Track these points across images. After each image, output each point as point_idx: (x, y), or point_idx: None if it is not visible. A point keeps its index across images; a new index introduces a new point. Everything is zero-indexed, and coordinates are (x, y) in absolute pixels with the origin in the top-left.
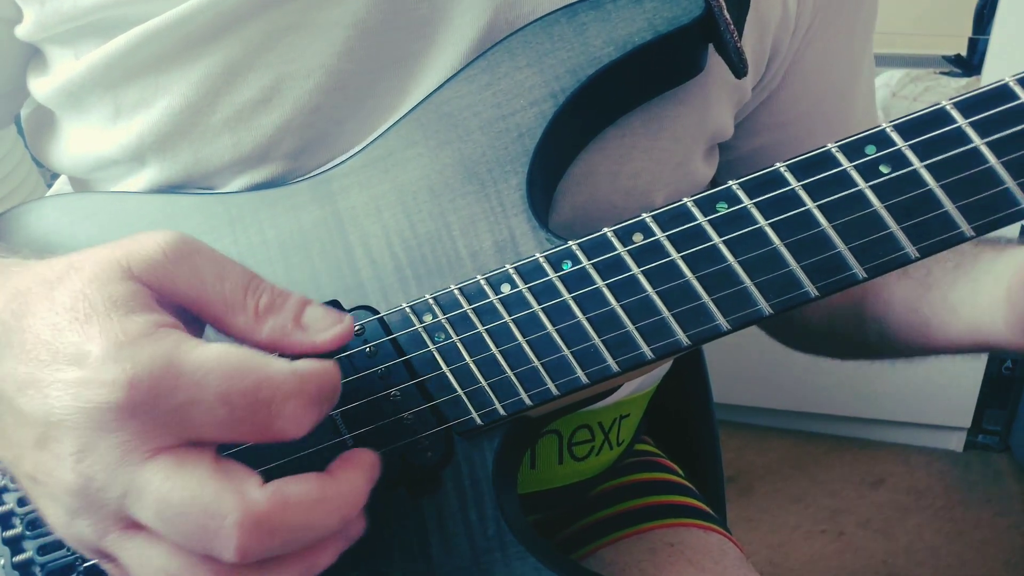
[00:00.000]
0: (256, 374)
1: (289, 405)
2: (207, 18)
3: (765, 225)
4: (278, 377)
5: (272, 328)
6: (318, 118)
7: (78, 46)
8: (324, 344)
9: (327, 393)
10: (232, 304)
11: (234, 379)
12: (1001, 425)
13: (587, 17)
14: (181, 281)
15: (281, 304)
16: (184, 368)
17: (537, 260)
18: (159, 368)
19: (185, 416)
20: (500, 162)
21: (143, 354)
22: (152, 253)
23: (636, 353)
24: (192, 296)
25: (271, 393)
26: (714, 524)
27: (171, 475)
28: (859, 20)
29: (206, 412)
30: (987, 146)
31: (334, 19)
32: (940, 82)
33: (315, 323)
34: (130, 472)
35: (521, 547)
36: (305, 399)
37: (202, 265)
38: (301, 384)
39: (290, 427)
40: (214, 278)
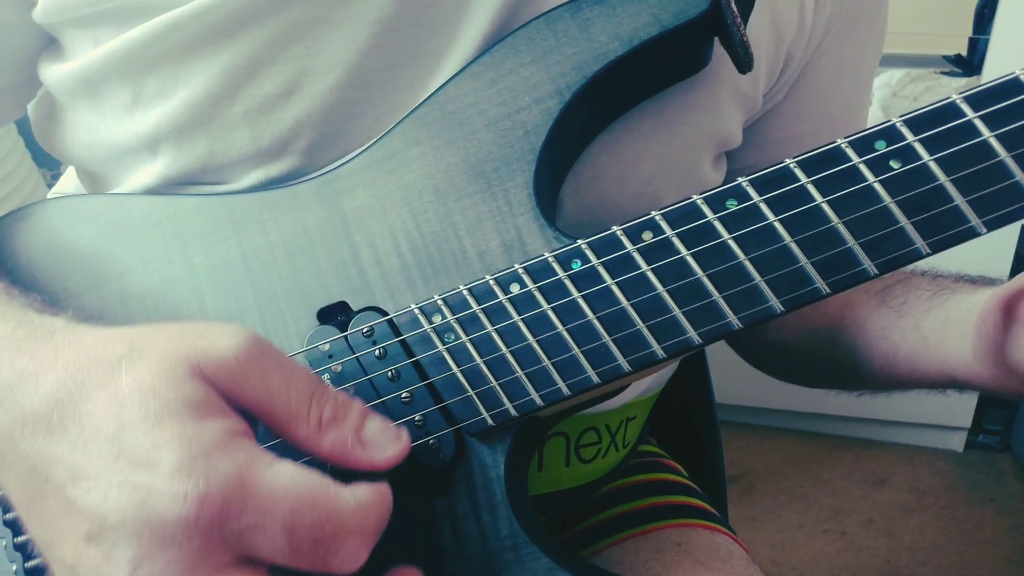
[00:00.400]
0: (324, 509)
1: (349, 543)
2: (231, 9)
3: (775, 221)
4: (344, 513)
5: (333, 442)
6: (337, 114)
7: (98, 32)
8: (383, 464)
9: (383, 525)
10: (297, 414)
11: (302, 511)
12: (1002, 425)
13: (592, 12)
14: (249, 388)
15: (343, 416)
16: (256, 491)
17: (546, 259)
18: (232, 487)
19: (248, 539)
20: (506, 160)
21: (218, 470)
22: (223, 355)
23: (647, 352)
24: (259, 402)
25: (334, 530)
26: (719, 524)
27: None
28: (869, 46)
29: (269, 539)
30: (997, 139)
31: (358, 14)
32: (940, 82)
33: (374, 438)
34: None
35: (535, 547)
36: (365, 537)
37: (270, 371)
38: (364, 520)
39: (346, 564)
40: (281, 386)
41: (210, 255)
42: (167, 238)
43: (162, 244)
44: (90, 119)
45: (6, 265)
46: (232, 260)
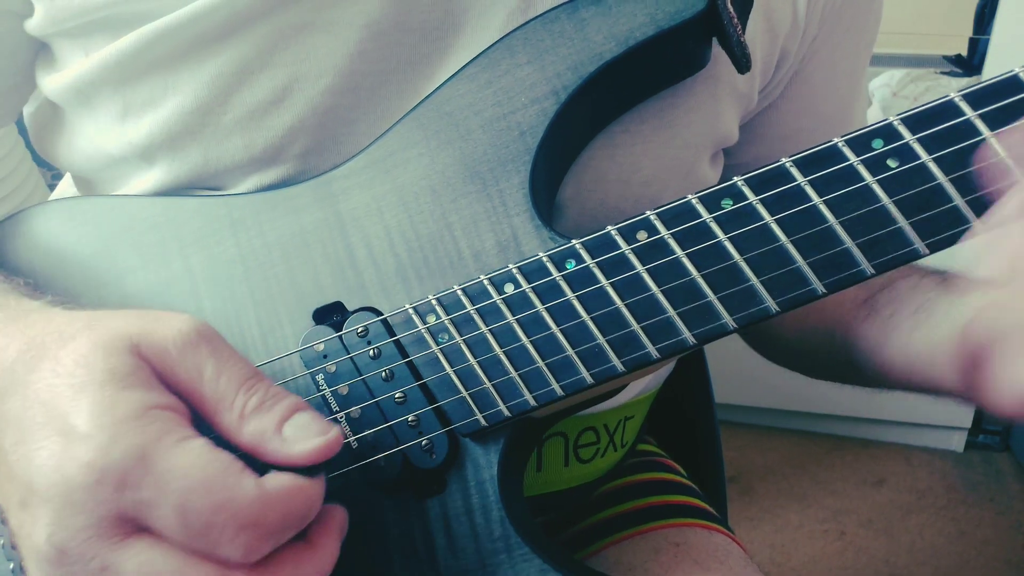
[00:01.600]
0: (219, 496)
1: (241, 536)
2: (219, 17)
3: (771, 221)
4: (240, 502)
5: (253, 431)
6: (330, 119)
7: (88, 43)
8: (299, 456)
9: (292, 521)
10: (222, 400)
11: (195, 495)
12: (1002, 425)
13: (588, 13)
14: (182, 371)
15: (270, 407)
16: (154, 467)
17: (540, 260)
18: (131, 458)
19: (143, 513)
20: (502, 161)
21: (122, 441)
22: (165, 335)
23: (641, 353)
24: (189, 388)
25: (226, 518)
26: (717, 524)
27: (148, 559)
28: (863, 41)
29: (161, 517)
30: (997, 139)
31: (347, 20)
32: (940, 82)
33: (296, 432)
34: (105, 551)
35: (527, 548)
36: (261, 532)
37: (207, 358)
38: (262, 512)
39: (236, 556)
40: (213, 372)
41: (208, 256)
42: (166, 240)
43: (161, 246)
44: (85, 129)
45: (5, 267)
46: (230, 261)
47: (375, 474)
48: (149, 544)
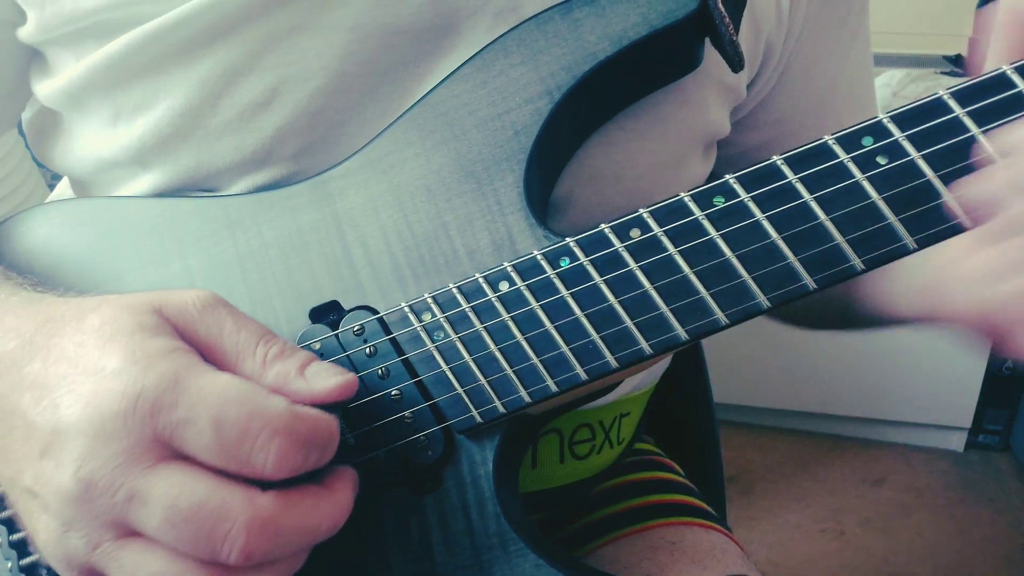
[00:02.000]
0: (252, 405)
1: (276, 442)
2: (207, 20)
3: (762, 218)
4: (272, 411)
5: (276, 373)
6: (320, 121)
7: (78, 48)
8: (322, 392)
9: (319, 439)
10: (243, 351)
11: (229, 405)
12: (1002, 425)
13: (581, 13)
14: (202, 327)
15: (289, 354)
16: (187, 387)
17: (535, 257)
18: (165, 383)
19: (179, 434)
20: (496, 160)
21: (154, 370)
22: (182, 300)
23: (634, 349)
24: (209, 342)
25: (261, 425)
26: (715, 523)
27: (177, 481)
28: (851, 11)
29: (197, 434)
30: (984, 135)
31: (335, 22)
32: (941, 82)
33: (317, 373)
34: (135, 477)
35: (522, 544)
36: (293, 439)
37: (225, 317)
38: (293, 422)
39: (270, 463)
40: (232, 328)
41: (206, 257)
42: (164, 240)
43: (159, 246)
44: (79, 133)
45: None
46: (228, 261)
47: (372, 470)
48: (179, 467)
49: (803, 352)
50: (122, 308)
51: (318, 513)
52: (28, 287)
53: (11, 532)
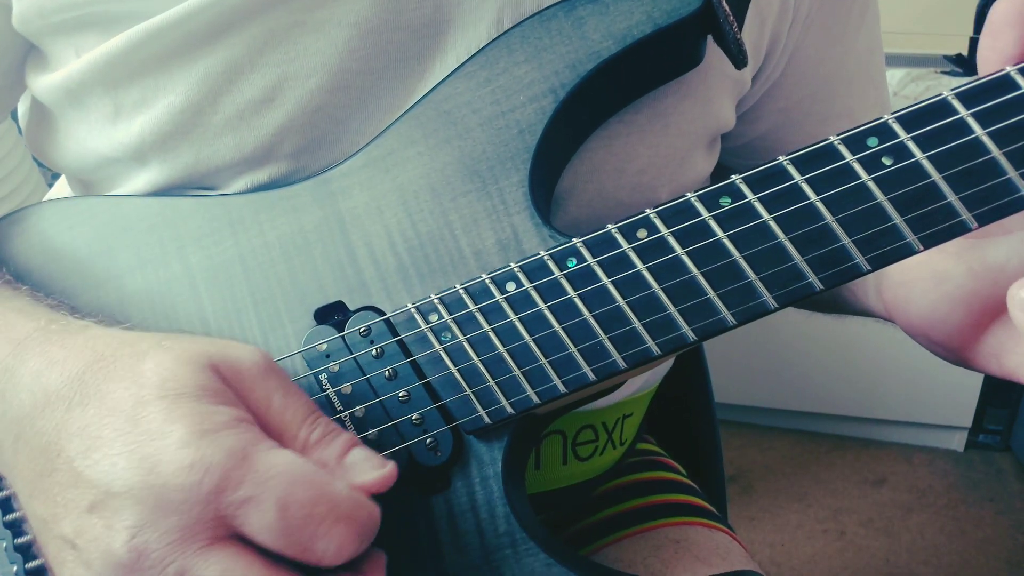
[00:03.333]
0: (319, 489)
1: (339, 528)
2: (208, 17)
3: (769, 219)
4: (338, 497)
5: (317, 460)
6: (321, 118)
7: (78, 42)
8: (364, 485)
9: (371, 529)
10: (288, 430)
11: (297, 488)
12: (1002, 424)
13: (585, 11)
14: (253, 396)
15: (330, 440)
16: (256, 464)
17: (542, 258)
18: (235, 460)
19: (243, 512)
20: (501, 159)
21: (224, 444)
22: (240, 359)
23: (642, 348)
24: (258, 411)
25: (326, 511)
26: (718, 522)
27: (230, 567)
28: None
29: (262, 513)
30: (989, 136)
31: (336, 18)
32: (941, 81)
33: (357, 463)
34: (189, 555)
35: (532, 543)
36: (355, 526)
37: (275, 387)
38: (355, 509)
39: (331, 550)
40: (281, 403)
41: (207, 256)
42: (164, 240)
43: (159, 246)
44: (77, 130)
45: (3, 268)
46: (229, 261)
47: None
48: (235, 551)
49: (804, 352)
50: (180, 362)
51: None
52: (65, 310)
53: (16, 536)
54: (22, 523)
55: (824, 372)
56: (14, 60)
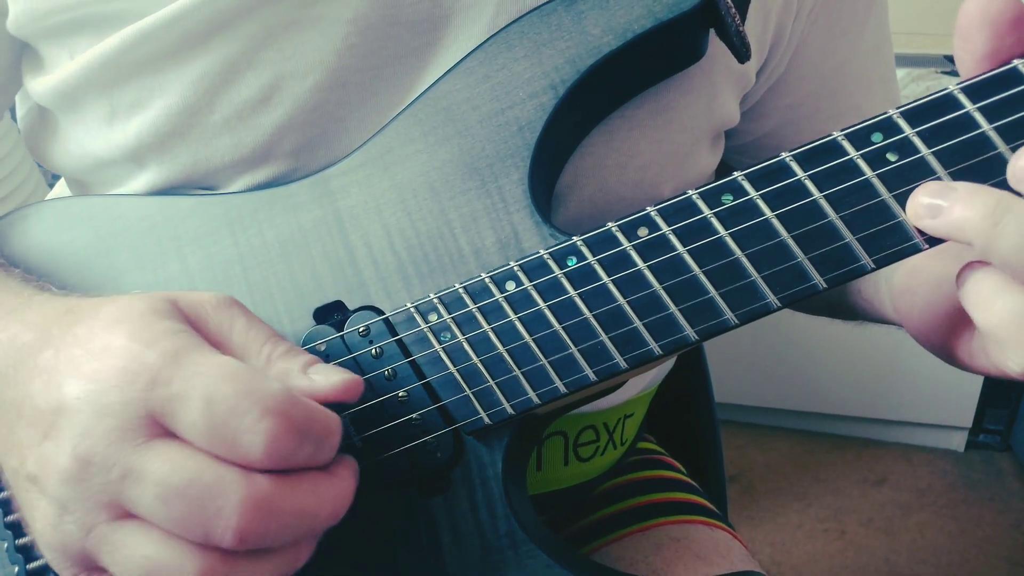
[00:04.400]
0: (246, 384)
1: (266, 422)
2: (203, 16)
3: (772, 217)
4: (266, 391)
5: (279, 371)
6: (319, 116)
7: (72, 44)
8: (324, 387)
9: (315, 430)
10: (249, 348)
11: (223, 382)
12: (1002, 424)
13: (585, 5)
14: (213, 323)
15: (295, 355)
16: (184, 363)
17: (541, 257)
18: (165, 359)
19: (170, 409)
20: (500, 157)
21: (157, 346)
22: (198, 296)
23: (644, 350)
24: (219, 338)
25: (251, 404)
26: (718, 521)
27: (172, 457)
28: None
29: (188, 410)
30: (995, 131)
31: (333, 15)
32: (942, 81)
33: (321, 371)
34: (129, 453)
35: (533, 545)
36: (285, 422)
37: (236, 316)
38: (287, 405)
39: (257, 444)
40: (243, 326)
41: (206, 256)
42: (162, 239)
43: (158, 245)
44: (75, 132)
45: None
46: (228, 260)
47: (380, 472)
48: (173, 444)
49: (804, 352)
50: (138, 297)
51: (318, 496)
52: (52, 288)
53: (16, 537)
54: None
55: (825, 372)
56: (8, 62)
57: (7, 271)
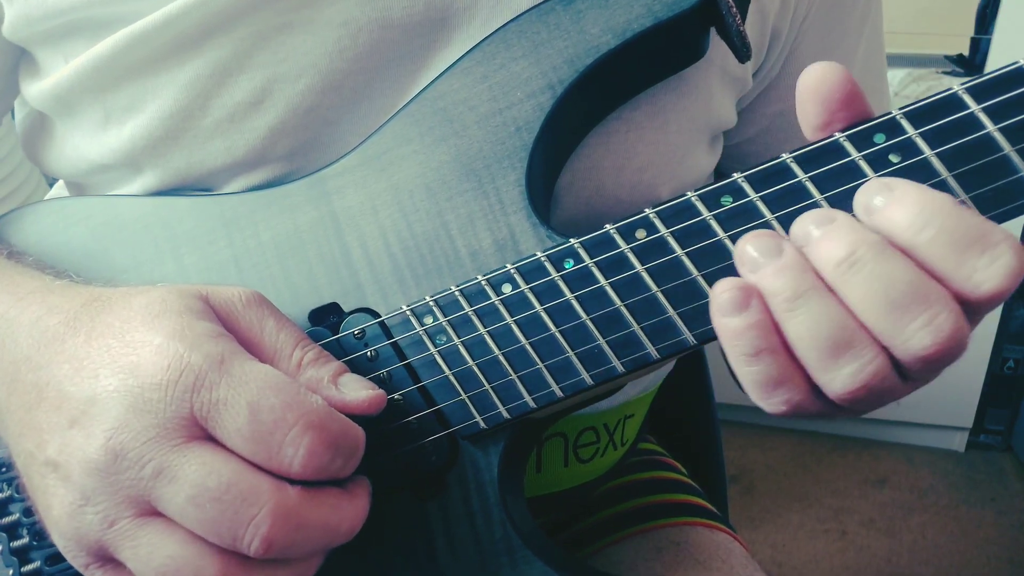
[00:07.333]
0: (289, 397)
1: (308, 436)
2: (195, 19)
3: (772, 219)
4: (309, 406)
5: (309, 378)
6: (312, 119)
7: (67, 48)
8: (353, 402)
9: (347, 445)
10: (281, 351)
11: (269, 392)
12: (1003, 425)
13: (584, 4)
14: (244, 321)
15: (324, 362)
16: (231, 369)
17: (539, 259)
18: (210, 362)
19: (215, 413)
20: (498, 158)
21: (201, 349)
22: (229, 292)
23: (641, 354)
24: (250, 337)
25: (296, 417)
26: (719, 523)
27: (208, 460)
28: (856, 8)
29: (233, 416)
30: (1000, 133)
31: (325, 18)
32: (942, 82)
33: (348, 383)
34: (166, 452)
35: (528, 551)
36: (325, 437)
37: (267, 316)
38: (327, 420)
39: (299, 458)
40: (273, 328)
41: (202, 257)
42: (158, 240)
43: (153, 246)
44: (71, 136)
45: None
46: (223, 262)
47: (375, 476)
48: (211, 448)
49: None
50: (170, 291)
51: (340, 513)
52: (71, 275)
53: (12, 539)
54: (17, 527)
55: None
56: (5, 67)
57: (19, 258)
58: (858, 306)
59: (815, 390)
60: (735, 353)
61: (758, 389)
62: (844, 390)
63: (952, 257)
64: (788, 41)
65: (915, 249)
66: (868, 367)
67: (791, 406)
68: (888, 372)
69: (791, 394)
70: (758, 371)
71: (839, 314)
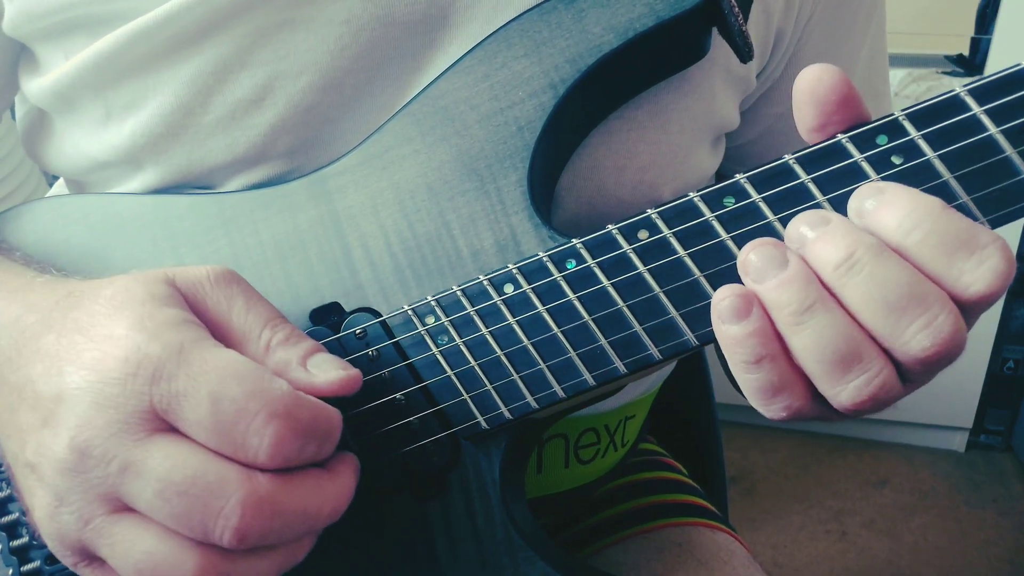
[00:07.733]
0: (253, 384)
1: (273, 425)
2: (196, 16)
3: (774, 220)
4: (273, 393)
5: (278, 360)
6: (313, 117)
7: (68, 44)
8: (323, 384)
9: (318, 430)
10: (249, 332)
11: (230, 382)
12: (1004, 425)
13: (586, 3)
14: (212, 302)
15: (295, 343)
16: (190, 359)
17: (541, 259)
18: (169, 352)
19: (175, 405)
20: (499, 157)
21: (160, 339)
22: (196, 272)
23: (644, 355)
24: (218, 319)
25: (259, 406)
26: (720, 523)
27: (173, 453)
28: (861, 9)
29: (193, 408)
30: (1003, 134)
31: (327, 16)
32: (942, 82)
33: (320, 364)
34: (130, 447)
35: (530, 551)
36: (291, 425)
37: (236, 295)
38: (293, 407)
39: (264, 447)
40: (242, 306)
41: (201, 255)
42: (157, 238)
43: (152, 244)
44: (71, 134)
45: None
46: (223, 261)
47: (376, 476)
48: (175, 440)
49: None
50: (135, 279)
51: (319, 495)
52: (53, 271)
53: (12, 539)
54: (16, 526)
55: None
56: (5, 64)
57: (8, 254)
58: (858, 308)
59: (815, 396)
60: (735, 360)
61: (758, 395)
62: (851, 402)
63: (941, 259)
64: (792, 42)
65: (905, 252)
66: (876, 379)
67: (791, 412)
68: (895, 382)
69: (791, 400)
70: (758, 378)
71: (846, 327)
